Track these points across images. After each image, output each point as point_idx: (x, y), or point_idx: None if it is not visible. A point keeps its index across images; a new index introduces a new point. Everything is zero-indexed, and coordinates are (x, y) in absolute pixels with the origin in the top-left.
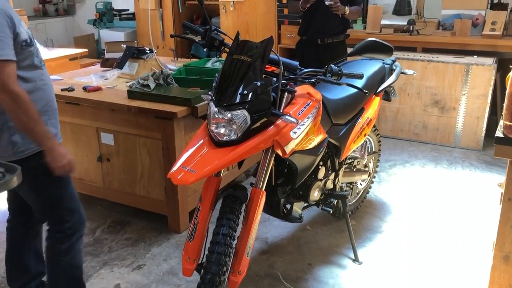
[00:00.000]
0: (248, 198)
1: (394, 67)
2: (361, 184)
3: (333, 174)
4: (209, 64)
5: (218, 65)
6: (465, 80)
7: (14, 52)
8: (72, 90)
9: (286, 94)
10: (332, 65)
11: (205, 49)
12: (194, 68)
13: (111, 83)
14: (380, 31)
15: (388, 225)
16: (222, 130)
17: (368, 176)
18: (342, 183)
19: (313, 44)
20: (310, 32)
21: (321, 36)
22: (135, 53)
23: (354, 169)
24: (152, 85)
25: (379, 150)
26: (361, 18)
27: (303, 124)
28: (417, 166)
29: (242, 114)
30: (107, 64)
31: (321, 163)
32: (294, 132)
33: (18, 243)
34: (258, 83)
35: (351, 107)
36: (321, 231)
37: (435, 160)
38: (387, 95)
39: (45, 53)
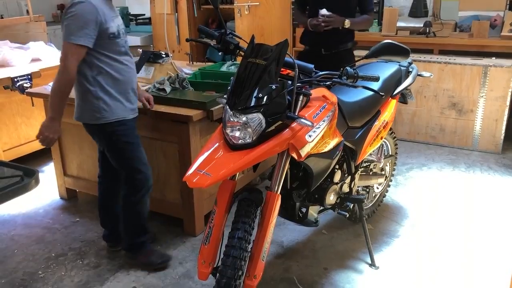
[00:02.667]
0: (264, 201)
1: (410, 70)
2: (377, 188)
3: (349, 177)
4: (224, 68)
5: (233, 69)
6: (483, 82)
7: (97, 41)
8: None
9: (301, 97)
10: (347, 68)
11: (220, 53)
12: (209, 72)
13: None
14: (396, 33)
15: (405, 230)
16: (237, 134)
17: (385, 180)
18: (358, 187)
19: (316, 54)
20: (313, 41)
21: (325, 46)
22: (151, 57)
23: (371, 173)
24: (168, 89)
25: (396, 153)
26: (376, 20)
27: (319, 127)
28: (434, 169)
29: (257, 117)
30: None
31: (337, 166)
32: (310, 135)
33: (107, 194)
34: (273, 86)
35: (367, 110)
36: (337, 235)
37: (452, 164)
38: (403, 98)
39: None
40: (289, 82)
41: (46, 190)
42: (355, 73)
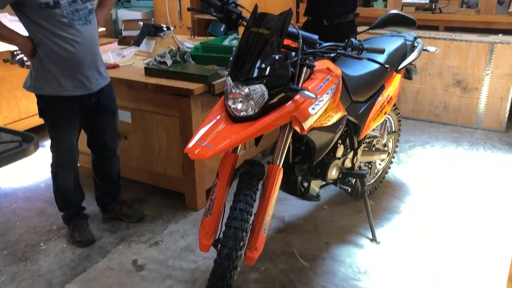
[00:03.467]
0: (265, 175)
1: (416, 44)
2: (380, 164)
3: (352, 152)
4: (226, 42)
5: (235, 43)
6: (489, 59)
7: (28, 9)
8: None
9: (305, 68)
10: (352, 39)
11: (222, 28)
12: (211, 46)
13: (128, 61)
14: (402, 9)
15: (407, 206)
16: (239, 106)
17: (387, 156)
18: (360, 162)
19: (319, 25)
20: (315, 11)
21: (327, 16)
22: (152, 30)
23: (373, 148)
24: (169, 62)
25: (399, 129)
26: None
27: (322, 100)
28: (437, 147)
29: (259, 89)
30: (125, 42)
31: (339, 141)
32: (313, 108)
33: (100, 171)
34: (276, 57)
35: (371, 84)
36: (338, 211)
37: (456, 142)
38: (408, 73)
39: None
40: (293, 53)
41: (47, 164)
42: (360, 44)
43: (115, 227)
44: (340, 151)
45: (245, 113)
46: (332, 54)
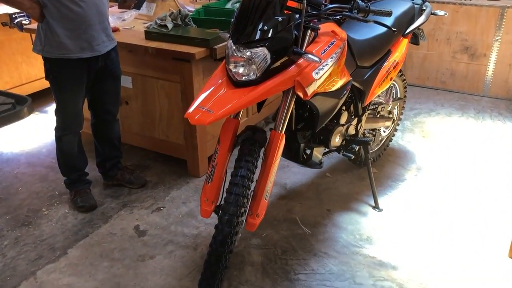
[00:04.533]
0: (267, 141)
1: (424, 8)
2: (384, 131)
3: (356, 119)
4: (229, 5)
5: (237, 5)
6: (499, 25)
7: None
8: None
9: (309, 31)
10: (358, 1)
11: None
12: (213, 9)
13: (129, 24)
14: None
15: (411, 174)
16: (240, 70)
17: (392, 123)
18: (364, 129)
19: None
20: None
21: None
22: None
23: (378, 115)
24: (170, 26)
25: (405, 96)
26: None
27: (327, 64)
28: (443, 115)
29: (261, 52)
30: (125, 5)
31: (343, 107)
32: (317, 73)
33: (100, 135)
34: (279, 19)
35: (377, 49)
36: (341, 178)
37: (462, 109)
38: (415, 38)
39: None
40: (297, 15)
41: (48, 130)
42: (366, 6)
43: (117, 193)
44: (344, 118)
45: (247, 78)
46: (338, 16)
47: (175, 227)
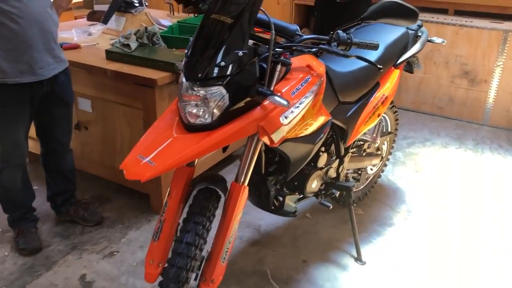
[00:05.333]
0: (227, 193)
1: (419, 34)
2: (371, 169)
3: (337, 161)
4: None
5: None
6: (502, 49)
7: None
8: None
9: (279, 66)
10: (339, 31)
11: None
12: (188, 26)
13: (93, 40)
14: None
15: (400, 217)
16: (194, 111)
17: (381, 161)
18: (347, 170)
19: (330, 1)
20: None
21: None
22: (122, 6)
23: (364, 153)
24: (134, 45)
25: (396, 129)
26: None
27: (298, 107)
28: (439, 145)
29: (218, 92)
30: (95, 17)
31: (322, 149)
32: (286, 117)
33: (50, 166)
34: (240, 53)
35: (363, 82)
36: (323, 220)
37: (459, 139)
38: (409, 66)
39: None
40: (267, 46)
41: None
42: (348, 38)
43: (68, 231)
44: (322, 160)
45: (201, 121)
46: (314, 49)
47: (126, 279)
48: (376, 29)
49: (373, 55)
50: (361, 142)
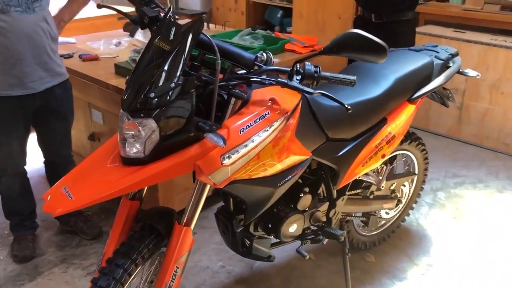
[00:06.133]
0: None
1: (450, 64)
2: (387, 213)
3: (327, 203)
4: (236, 38)
5: (249, 39)
6: None
7: None
8: (70, 57)
9: (232, 99)
10: (307, 64)
11: (279, 15)
12: None
13: (116, 53)
14: (482, 8)
15: (417, 271)
16: (126, 143)
17: (398, 205)
18: (344, 214)
19: (367, 22)
20: (365, 2)
21: (377, 10)
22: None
23: (371, 196)
24: None
25: (426, 169)
26: None
27: (246, 146)
28: (493, 189)
29: (148, 125)
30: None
31: (306, 189)
32: (229, 156)
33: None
34: (173, 84)
35: (362, 118)
36: (326, 265)
37: None
38: (441, 99)
39: (95, 10)
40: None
41: None
42: (315, 72)
43: (65, 242)
44: (305, 203)
45: (135, 154)
46: (270, 83)
47: None
48: (397, 56)
49: (379, 88)
50: (368, 184)
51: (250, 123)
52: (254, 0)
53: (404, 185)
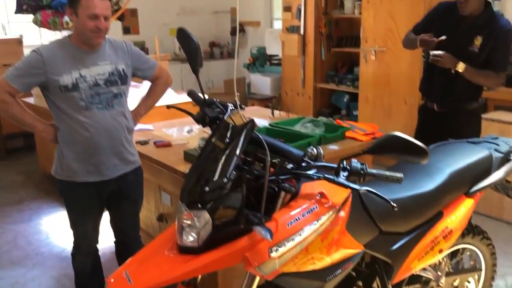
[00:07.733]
0: None
1: (511, 158)
2: None
3: None
4: (298, 125)
5: (310, 126)
6: None
7: (49, 91)
8: (145, 143)
9: (282, 193)
10: (353, 161)
11: (345, 99)
12: (277, 129)
13: (187, 139)
14: None
15: None
16: (182, 232)
17: None
18: None
19: (430, 110)
20: (428, 91)
21: (440, 100)
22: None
23: None
24: None
25: (494, 265)
26: None
27: (293, 240)
28: None
29: (202, 216)
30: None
31: (359, 283)
32: (276, 249)
33: (120, 256)
34: (225, 179)
35: (417, 211)
36: None
37: None
38: (505, 191)
39: (173, 97)
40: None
41: None
42: (361, 169)
43: None
44: None
45: (190, 243)
46: (316, 177)
47: None
48: (453, 149)
49: (433, 182)
50: (428, 278)
51: (298, 217)
52: (320, 86)
53: (469, 281)
